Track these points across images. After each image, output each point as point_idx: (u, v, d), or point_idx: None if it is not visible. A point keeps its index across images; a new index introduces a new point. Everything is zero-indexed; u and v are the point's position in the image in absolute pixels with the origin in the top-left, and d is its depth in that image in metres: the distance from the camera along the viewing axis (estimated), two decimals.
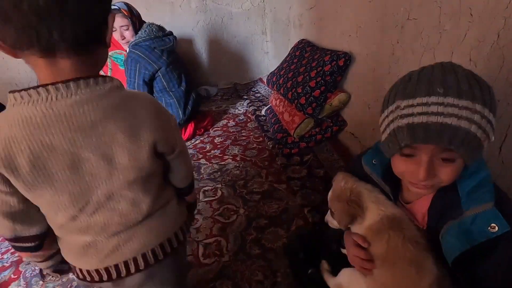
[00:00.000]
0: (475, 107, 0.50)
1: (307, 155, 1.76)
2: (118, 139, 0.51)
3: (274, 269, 1.10)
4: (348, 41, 1.65)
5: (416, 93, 0.53)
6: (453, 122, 0.50)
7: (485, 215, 0.54)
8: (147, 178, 0.58)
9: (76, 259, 0.60)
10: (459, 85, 0.51)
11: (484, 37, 0.87)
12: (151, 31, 1.82)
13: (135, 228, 0.60)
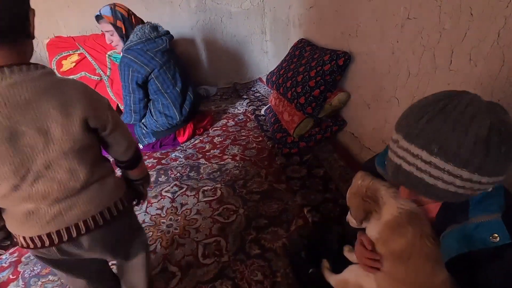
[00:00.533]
0: (464, 175, 0.48)
1: (306, 155, 1.76)
2: (52, 114, 0.59)
3: (274, 269, 1.10)
4: (348, 40, 1.64)
5: (415, 140, 0.52)
6: (424, 178, 0.52)
7: (489, 224, 0.54)
8: (82, 150, 0.65)
9: (20, 227, 0.65)
10: (461, 151, 0.47)
11: (485, 37, 0.86)
12: (143, 34, 1.78)
13: (76, 197, 0.67)
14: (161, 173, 1.77)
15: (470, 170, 0.48)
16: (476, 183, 0.49)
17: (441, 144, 0.49)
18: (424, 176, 0.51)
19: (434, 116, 0.51)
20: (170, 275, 1.11)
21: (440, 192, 0.52)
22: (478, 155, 0.47)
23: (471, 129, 0.47)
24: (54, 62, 2.38)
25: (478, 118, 0.47)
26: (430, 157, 0.50)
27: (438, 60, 1.05)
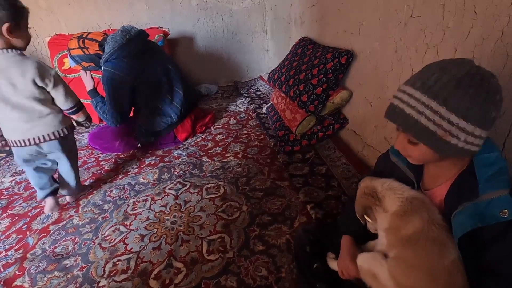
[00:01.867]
0: (433, 106, 0.56)
1: (309, 153, 1.77)
2: (16, 75, 1.19)
3: (278, 265, 1.11)
4: (350, 38, 1.65)
5: (409, 81, 0.63)
6: (405, 109, 0.60)
7: (499, 200, 0.57)
8: (37, 97, 1.26)
9: (9, 133, 1.31)
10: (436, 84, 0.57)
11: (488, 35, 0.87)
12: (115, 43, 1.71)
13: (39, 120, 1.29)
14: (164, 170, 1.77)
15: (438, 102, 0.56)
16: (445, 120, 0.56)
17: (423, 80, 0.59)
18: (404, 107, 0.61)
19: (431, 64, 0.62)
20: (175, 271, 1.12)
21: (414, 124, 0.59)
22: (446, 90, 0.55)
23: (451, 70, 0.57)
24: (56, 60, 2.38)
25: (460, 65, 0.57)
26: (412, 90, 0.60)
27: (442, 58, 1.05)
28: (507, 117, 0.87)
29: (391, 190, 0.75)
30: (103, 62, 1.75)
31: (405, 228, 0.71)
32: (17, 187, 1.75)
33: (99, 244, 1.29)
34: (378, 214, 0.77)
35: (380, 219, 0.77)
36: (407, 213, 0.71)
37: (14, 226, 1.44)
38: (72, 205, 1.55)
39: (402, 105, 0.61)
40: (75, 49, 1.75)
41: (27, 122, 1.27)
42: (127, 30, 1.78)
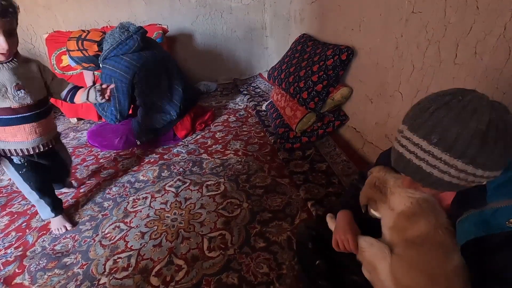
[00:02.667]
0: (459, 166, 0.52)
1: (309, 150, 1.77)
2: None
3: (279, 262, 1.11)
4: (351, 35, 1.64)
5: (418, 130, 0.56)
6: (426, 168, 0.56)
7: (506, 209, 0.55)
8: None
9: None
10: (458, 143, 0.51)
11: (490, 30, 0.87)
12: (113, 40, 1.70)
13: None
14: (164, 168, 1.77)
15: (465, 161, 0.51)
16: (471, 175, 0.53)
17: (441, 135, 0.52)
18: (422, 164, 0.55)
19: (438, 108, 0.54)
20: (176, 268, 1.12)
21: (435, 181, 0.56)
22: (473, 148, 0.50)
23: (470, 122, 0.50)
24: (54, 57, 2.36)
25: (478, 113, 0.50)
26: (429, 147, 0.54)
27: (443, 54, 1.05)
28: None
29: (402, 188, 0.73)
30: (102, 60, 1.73)
31: (411, 230, 0.70)
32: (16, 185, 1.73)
33: (99, 242, 1.28)
34: (382, 209, 0.76)
35: (384, 216, 0.77)
36: (415, 215, 0.69)
37: (13, 224, 1.43)
38: (71, 202, 1.54)
39: (419, 162, 0.56)
40: (74, 50, 1.73)
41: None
42: (125, 27, 1.76)
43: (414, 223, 0.69)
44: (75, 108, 2.42)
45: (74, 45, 1.71)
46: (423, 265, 0.67)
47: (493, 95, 0.90)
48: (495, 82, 0.88)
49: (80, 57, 1.73)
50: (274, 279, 1.05)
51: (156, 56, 1.88)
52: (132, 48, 1.74)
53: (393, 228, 0.74)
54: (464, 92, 0.55)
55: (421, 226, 0.68)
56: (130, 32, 1.74)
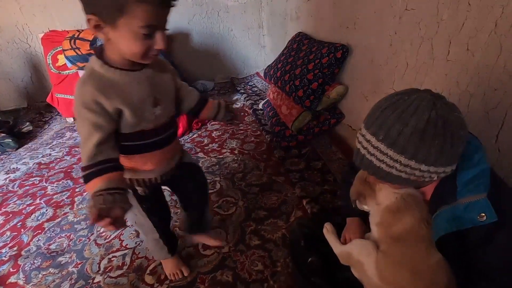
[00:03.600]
0: (402, 161, 0.56)
1: (305, 148, 1.77)
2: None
3: (274, 259, 1.11)
4: (346, 33, 1.64)
5: (370, 127, 0.60)
6: (374, 162, 0.60)
7: (477, 204, 0.57)
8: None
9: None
10: (399, 138, 0.55)
11: (482, 26, 0.87)
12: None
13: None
14: None
15: (407, 157, 0.56)
16: (416, 169, 0.56)
17: (386, 132, 0.57)
18: (373, 159, 0.60)
19: (387, 107, 0.58)
20: None
21: (386, 175, 0.60)
22: (413, 144, 0.54)
23: (411, 120, 0.54)
24: (50, 56, 2.35)
25: (419, 112, 0.55)
26: (377, 143, 0.58)
27: (436, 51, 1.05)
28: (501, 110, 0.87)
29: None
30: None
31: (396, 226, 0.71)
32: (11, 184, 1.73)
33: (94, 241, 1.28)
34: (370, 205, 0.77)
35: (372, 211, 0.78)
36: (400, 210, 0.71)
37: (8, 223, 1.42)
38: (67, 202, 1.54)
39: (371, 157, 0.60)
40: (68, 50, 1.73)
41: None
42: None
43: (399, 218, 0.71)
44: (71, 107, 2.42)
45: (68, 44, 1.71)
46: (406, 261, 0.69)
47: (485, 91, 0.90)
48: (487, 78, 0.89)
49: (74, 56, 1.72)
50: (268, 277, 1.05)
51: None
52: None
53: (380, 224, 0.75)
54: (412, 92, 0.59)
55: (405, 221, 0.69)
56: None
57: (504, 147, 0.88)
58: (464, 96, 0.97)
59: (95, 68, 0.65)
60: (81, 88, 0.65)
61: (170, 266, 1.08)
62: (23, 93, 2.87)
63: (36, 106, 2.89)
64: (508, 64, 0.82)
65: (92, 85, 0.64)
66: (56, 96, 2.39)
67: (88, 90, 0.63)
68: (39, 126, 2.53)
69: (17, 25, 2.60)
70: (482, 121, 0.92)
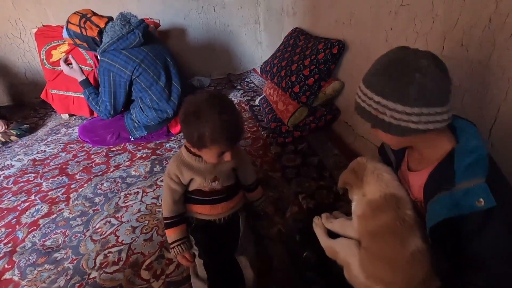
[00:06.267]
0: (373, 96, 0.65)
1: (301, 144, 1.77)
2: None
3: (270, 255, 1.12)
4: (342, 28, 1.64)
5: (363, 79, 0.70)
6: (361, 104, 0.69)
7: (476, 189, 0.57)
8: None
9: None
10: (370, 72, 0.68)
11: (476, 22, 0.88)
12: (114, 33, 1.68)
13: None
14: (155, 163, 1.76)
15: (377, 93, 0.64)
16: (386, 108, 0.63)
17: (366, 73, 0.69)
18: (359, 100, 0.70)
19: (377, 59, 0.69)
20: (167, 262, 1.12)
21: (371, 117, 0.67)
22: (378, 79, 0.64)
23: (380, 61, 0.66)
24: (43, 52, 2.32)
25: (388, 55, 0.66)
26: (361, 84, 0.69)
27: (431, 47, 1.06)
28: (494, 105, 0.88)
29: (378, 181, 0.76)
30: (101, 52, 1.72)
31: (373, 221, 0.75)
32: (6, 181, 1.72)
33: (90, 237, 1.28)
34: (355, 195, 0.80)
35: (356, 202, 0.81)
36: (379, 208, 0.74)
37: (3, 220, 1.41)
38: (62, 198, 1.53)
39: (362, 103, 0.69)
40: (74, 24, 1.72)
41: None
42: (126, 19, 1.73)
43: (376, 215, 0.74)
44: (66, 104, 2.40)
45: (77, 20, 1.71)
46: (383, 254, 0.72)
47: (478, 87, 0.91)
48: (481, 73, 0.89)
49: (76, 33, 1.72)
50: (264, 272, 1.06)
51: (156, 52, 1.85)
52: (132, 44, 1.71)
53: (360, 217, 0.78)
54: (399, 48, 0.68)
55: (380, 219, 0.73)
56: (131, 26, 1.71)
57: (497, 142, 0.89)
58: (458, 91, 0.97)
59: (183, 153, 1.01)
60: (170, 163, 1.02)
61: None
62: (17, 90, 2.84)
63: (31, 103, 2.86)
64: (502, 60, 0.83)
65: (175, 163, 1.00)
66: (51, 92, 2.36)
67: (173, 166, 1.00)
68: (34, 122, 2.51)
69: (9, 20, 2.57)
70: (476, 117, 0.93)
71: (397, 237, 0.70)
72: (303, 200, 1.32)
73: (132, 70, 1.72)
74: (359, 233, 0.78)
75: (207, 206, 1.07)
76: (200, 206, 1.07)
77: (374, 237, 0.74)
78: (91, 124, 2.00)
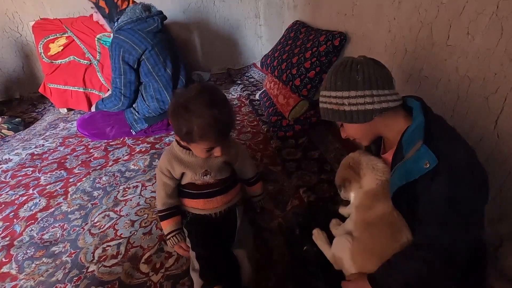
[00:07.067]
0: (330, 93, 0.73)
1: (302, 138, 1.75)
2: None
3: (270, 248, 1.10)
4: (344, 20, 1.61)
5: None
6: (323, 106, 0.76)
7: (419, 153, 0.62)
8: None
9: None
10: (325, 83, 0.75)
11: (483, 9, 0.85)
12: (133, 14, 1.73)
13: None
14: (155, 157, 1.74)
15: (330, 89, 0.72)
16: (330, 97, 0.73)
17: (325, 80, 0.76)
18: (322, 105, 0.77)
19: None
20: (166, 255, 1.11)
21: (332, 113, 0.74)
22: (330, 80, 0.72)
23: (329, 72, 0.75)
24: (41, 45, 2.30)
25: (340, 60, 0.75)
26: (320, 93, 0.77)
27: (435, 36, 1.03)
28: (500, 95, 0.86)
29: (374, 170, 0.78)
30: (116, 30, 1.74)
31: (371, 210, 0.74)
32: (4, 175, 1.70)
33: (89, 231, 1.26)
34: (355, 188, 0.80)
35: (354, 194, 0.81)
36: (377, 196, 0.74)
37: (0, 214, 1.40)
38: (60, 192, 1.52)
39: (321, 105, 0.77)
40: None
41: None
42: (148, 8, 1.80)
43: (375, 204, 0.74)
44: (64, 98, 2.37)
45: None
46: (374, 246, 0.72)
47: (484, 76, 0.89)
48: (487, 62, 0.87)
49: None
50: (264, 265, 1.05)
51: (169, 43, 1.91)
52: (149, 27, 1.76)
53: (358, 207, 0.78)
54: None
55: (380, 207, 0.73)
56: (152, 13, 1.79)
57: (503, 132, 0.87)
58: (463, 81, 0.95)
59: (173, 146, 1.00)
60: (161, 157, 1.01)
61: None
62: (15, 84, 2.81)
63: (29, 97, 2.84)
64: (509, 47, 0.81)
65: (166, 158, 0.99)
66: (49, 86, 2.34)
67: (164, 160, 0.99)
68: (32, 117, 2.49)
69: (6, 13, 2.53)
70: (481, 107, 0.91)
71: (389, 229, 0.70)
72: (303, 193, 1.31)
73: (144, 49, 1.74)
74: (355, 223, 0.78)
75: (201, 200, 1.04)
76: (194, 200, 1.05)
77: (369, 226, 0.74)
78: (91, 117, 1.98)
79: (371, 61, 0.71)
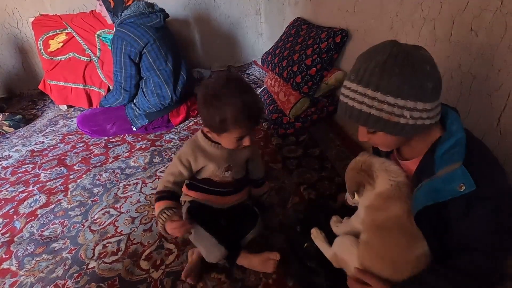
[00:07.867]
0: (369, 93, 0.59)
1: (302, 135, 1.75)
2: None
3: (271, 245, 1.10)
4: (345, 17, 1.60)
5: (347, 76, 0.65)
6: (349, 102, 0.63)
7: (454, 174, 0.57)
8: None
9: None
10: (365, 73, 0.59)
11: (487, 5, 0.84)
12: (137, 9, 1.75)
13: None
14: (155, 154, 1.74)
15: (373, 88, 0.58)
16: (384, 103, 0.58)
17: (356, 71, 0.62)
18: (350, 102, 0.62)
19: (361, 55, 0.64)
20: (166, 252, 1.11)
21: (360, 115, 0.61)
22: (376, 76, 0.58)
23: (376, 57, 0.59)
24: (41, 42, 2.29)
25: (381, 49, 0.60)
26: (350, 83, 0.63)
27: (438, 32, 1.02)
28: (504, 92, 0.85)
29: (387, 172, 0.74)
30: (118, 23, 1.76)
31: (383, 212, 0.71)
32: (4, 172, 1.70)
33: (89, 227, 1.26)
34: (366, 191, 0.76)
35: (364, 196, 0.77)
36: (392, 198, 0.71)
37: (0, 210, 1.40)
38: (60, 188, 1.51)
39: (346, 100, 0.64)
40: None
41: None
42: (151, 5, 1.83)
43: (387, 206, 0.70)
44: (64, 94, 2.37)
45: None
46: (387, 253, 0.68)
47: (488, 72, 0.88)
48: (491, 59, 0.86)
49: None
50: None
51: (171, 40, 1.94)
52: (152, 22, 1.78)
53: (369, 207, 0.74)
54: (391, 41, 0.62)
55: (392, 210, 0.69)
56: (154, 9, 1.83)
57: (506, 129, 0.86)
58: (466, 78, 0.94)
59: (198, 137, 0.97)
60: (184, 146, 0.97)
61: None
62: (15, 80, 2.80)
63: (29, 94, 2.83)
64: None
65: (189, 147, 0.95)
66: (49, 83, 2.33)
67: (187, 150, 0.95)
68: (32, 114, 2.49)
69: (6, 9, 2.52)
70: (484, 104, 0.90)
71: (405, 236, 0.67)
72: (304, 190, 1.30)
73: (146, 42, 1.76)
74: (365, 225, 0.75)
75: (213, 196, 1.05)
76: (206, 194, 1.05)
77: (381, 231, 0.70)
78: (91, 114, 1.98)
79: (432, 57, 0.60)
